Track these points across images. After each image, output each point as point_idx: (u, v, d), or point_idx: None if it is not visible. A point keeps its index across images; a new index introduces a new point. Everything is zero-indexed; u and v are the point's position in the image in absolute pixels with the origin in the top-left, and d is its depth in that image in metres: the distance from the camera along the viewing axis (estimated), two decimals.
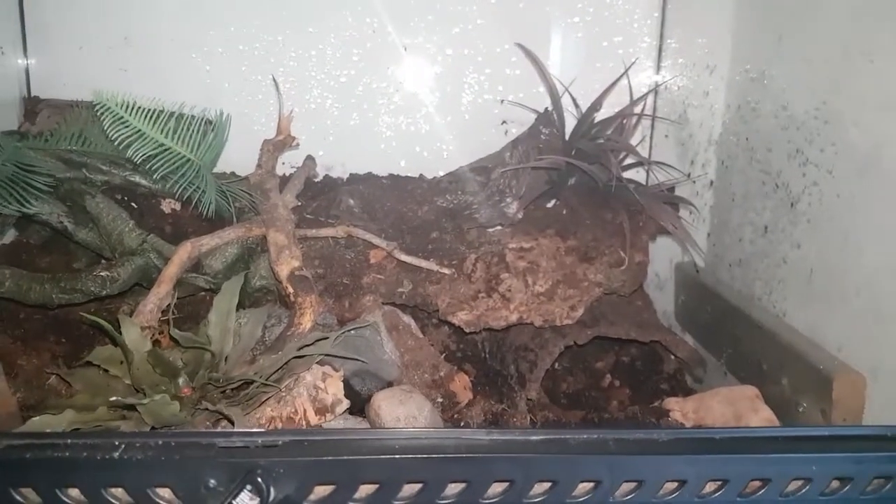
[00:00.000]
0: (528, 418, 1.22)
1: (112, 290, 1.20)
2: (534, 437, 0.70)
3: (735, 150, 1.46)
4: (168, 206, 1.47)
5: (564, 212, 1.51)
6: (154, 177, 1.13)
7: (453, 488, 0.69)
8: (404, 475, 0.68)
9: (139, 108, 1.09)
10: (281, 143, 1.37)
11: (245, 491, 0.64)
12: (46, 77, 1.59)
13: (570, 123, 1.49)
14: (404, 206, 1.43)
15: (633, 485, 0.74)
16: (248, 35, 1.59)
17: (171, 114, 1.14)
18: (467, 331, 1.25)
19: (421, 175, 1.55)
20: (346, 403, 1.10)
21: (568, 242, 1.37)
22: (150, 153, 1.09)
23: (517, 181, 1.41)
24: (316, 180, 1.55)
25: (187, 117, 1.18)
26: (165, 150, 1.11)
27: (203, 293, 1.42)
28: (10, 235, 1.52)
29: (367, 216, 1.39)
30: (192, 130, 1.16)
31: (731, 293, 1.47)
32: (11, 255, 1.52)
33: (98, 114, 1.06)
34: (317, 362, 1.11)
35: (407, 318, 1.34)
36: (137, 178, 1.41)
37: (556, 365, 1.48)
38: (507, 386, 1.28)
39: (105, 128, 1.07)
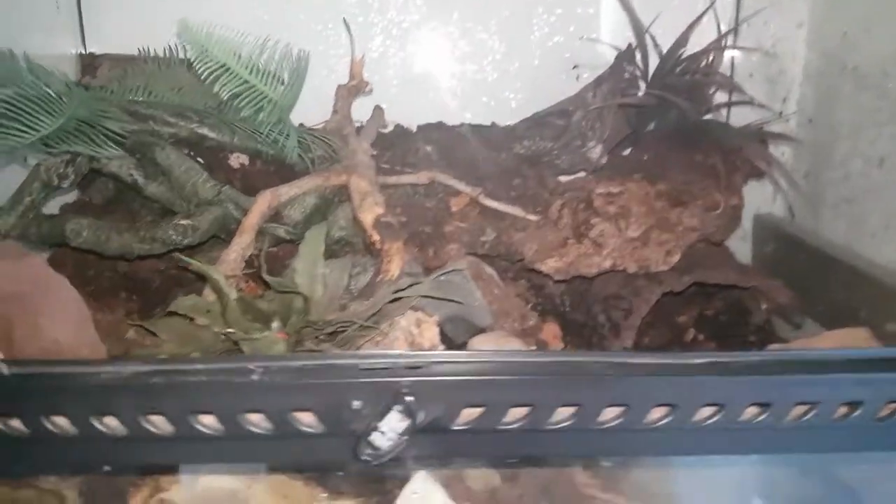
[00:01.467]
0: None
1: (193, 238, 1.16)
2: (696, 361, 0.65)
3: (839, 80, 1.38)
4: (236, 160, 1.43)
5: (646, 157, 1.45)
6: (242, 114, 1.08)
7: (610, 412, 0.65)
8: (558, 397, 0.63)
9: (223, 40, 1.04)
10: (355, 87, 1.32)
11: (394, 411, 0.59)
12: (102, 32, 1.54)
13: (651, 64, 1.42)
14: (481, 153, 1.37)
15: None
16: None
17: (253, 53, 1.09)
18: (556, 279, 1.19)
19: (494, 123, 1.49)
20: (441, 349, 1.05)
21: (658, 187, 1.30)
22: (234, 90, 1.04)
23: (601, 123, 1.34)
24: (385, 130, 1.49)
25: (269, 54, 1.12)
26: (249, 87, 1.05)
27: (275, 249, 1.39)
28: (72, 195, 1.49)
29: (445, 164, 1.34)
30: (275, 69, 1.10)
31: (826, 240, 1.40)
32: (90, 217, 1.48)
33: (183, 45, 1.01)
34: (410, 308, 1.07)
35: (489, 269, 1.28)
36: (205, 131, 1.36)
37: (614, 300, 1.43)
38: (597, 335, 1.23)
39: (192, 60, 1.01)
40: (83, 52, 1.55)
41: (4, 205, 1.10)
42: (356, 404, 0.60)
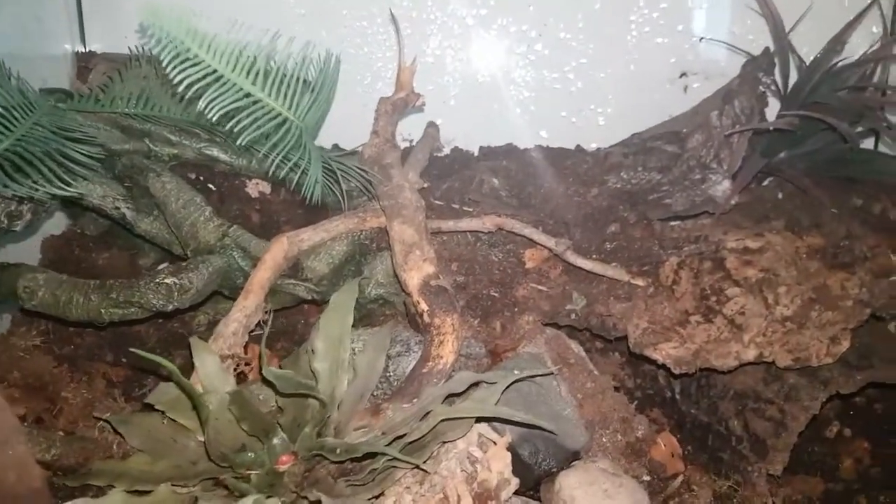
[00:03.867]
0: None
1: (181, 302, 0.87)
2: None
3: None
4: (255, 188, 1.14)
5: (781, 195, 1.10)
6: (238, 141, 0.77)
7: None
8: None
9: (214, 39, 0.73)
10: (402, 101, 1.01)
11: None
12: (103, 27, 1.27)
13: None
14: (565, 187, 1.04)
15: None
16: None
17: (259, 50, 0.78)
18: (677, 372, 0.85)
19: (578, 146, 1.15)
20: (514, 484, 0.74)
21: (807, 239, 0.96)
22: (229, 105, 0.74)
23: (728, 151, 1.00)
24: (440, 154, 1.18)
25: (282, 62, 0.81)
26: (254, 102, 0.75)
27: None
28: (62, 225, 1.23)
29: (518, 202, 1.02)
30: (291, 79, 0.79)
31: None
32: (61, 250, 1.22)
33: (154, 41, 0.71)
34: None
35: (576, 346, 0.95)
36: (215, 152, 1.08)
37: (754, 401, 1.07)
38: (730, 451, 0.89)
39: (164, 63, 0.71)
40: (81, 50, 1.29)
41: None
42: None
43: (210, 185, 1.14)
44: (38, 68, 1.13)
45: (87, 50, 1.28)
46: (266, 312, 0.91)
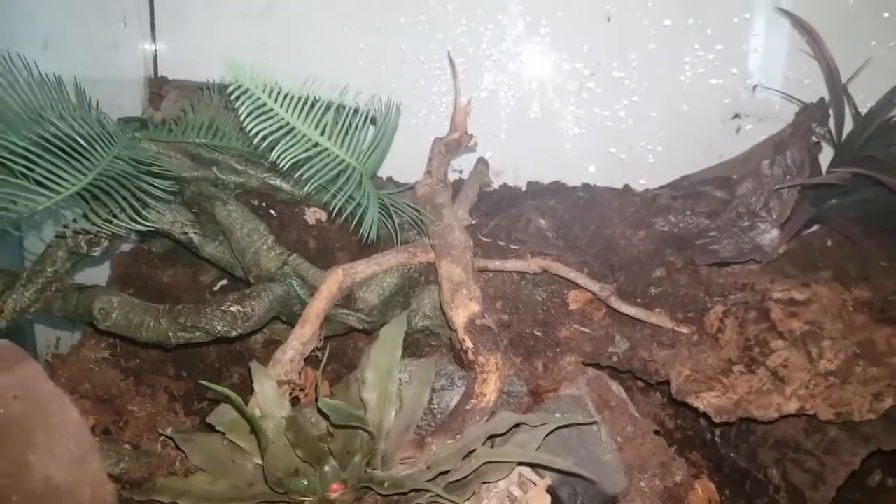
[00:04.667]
0: None
1: (244, 329, 0.93)
2: None
3: None
4: (312, 215, 1.19)
5: (830, 243, 1.09)
6: (305, 188, 0.83)
7: None
8: None
9: (287, 94, 0.79)
10: (455, 142, 1.05)
11: None
12: (175, 55, 1.35)
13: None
14: (611, 229, 1.06)
15: None
16: (412, 3, 1.27)
17: (327, 103, 0.83)
18: (717, 421, 0.87)
19: (627, 186, 1.17)
20: None
21: (854, 292, 0.96)
22: (300, 155, 0.79)
23: (778, 200, 1.00)
24: (489, 189, 1.21)
25: (348, 109, 0.86)
26: (320, 151, 0.80)
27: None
28: (130, 243, 1.30)
29: (564, 243, 1.04)
30: (355, 127, 0.84)
31: None
32: (129, 267, 1.30)
33: (233, 97, 0.77)
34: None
35: (617, 388, 0.98)
36: (278, 182, 1.13)
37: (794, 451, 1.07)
38: (767, 499, 0.90)
39: (242, 117, 0.77)
40: (153, 76, 1.37)
41: (22, 277, 0.90)
42: None
43: (272, 212, 1.20)
44: (114, 94, 1.21)
45: (159, 76, 1.37)
46: (321, 340, 0.96)
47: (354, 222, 0.86)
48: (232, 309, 0.92)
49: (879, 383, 0.87)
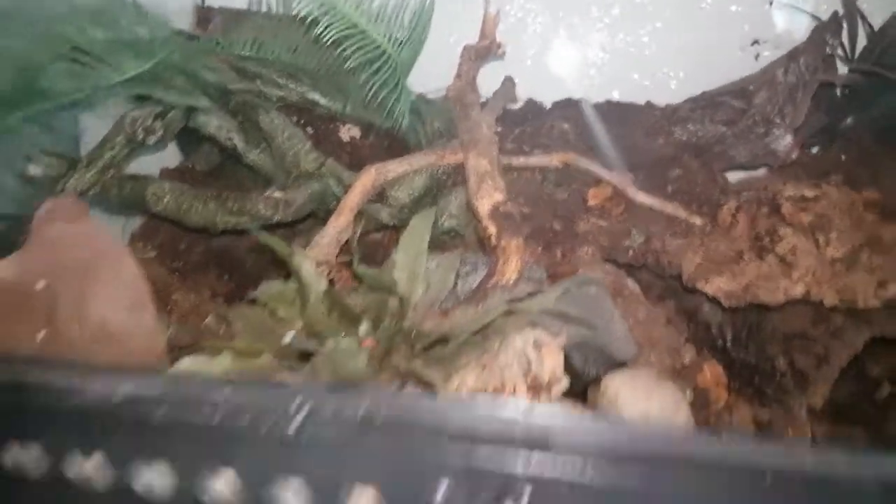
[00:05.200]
0: (809, 431, 0.88)
1: (285, 215, 1.00)
2: None
3: None
4: (347, 133, 1.26)
5: (845, 156, 1.13)
6: (347, 64, 0.89)
7: None
8: None
9: None
10: (485, 48, 1.11)
11: None
12: None
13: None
14: (632, 136, 1.11)
15: None
16: None
17: None
18: (726, 305, 0.92)
19: (649, 102, 1.22)
20: (564, 383, 0.82)
21: (865, 194, 0.99)
22: (340, 33, 0.85)
23: (792, 107, 1.04)
24: (515, 106, 1.27)
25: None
26: (359, 32, 0.86)
27: (377, 234, 1.21)
28: (175, 159, 1.39)
29: (585, 146, 1.10)
30: (393, 14, 0.91)
31: None
32: (175, 182, 1.38)
33: None
34: (528, 324, 0.84)
35: (632, 283, 1.03)
36: (316, 97, 1.20)
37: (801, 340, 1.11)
38: (774, 385, 0.94)
39: None
40: (201, 3, 1.45)
41: (82, 159, 0.99)
42: (442, 491, 0.38)
43: (308, 128, 1.27)
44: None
45: (206, 5, 1.44)
46: (355, 233, 1.03)
47: (386, 112, 0.92)
48: (276, 195, 1.00)
49: (884, 272, 0.91)
